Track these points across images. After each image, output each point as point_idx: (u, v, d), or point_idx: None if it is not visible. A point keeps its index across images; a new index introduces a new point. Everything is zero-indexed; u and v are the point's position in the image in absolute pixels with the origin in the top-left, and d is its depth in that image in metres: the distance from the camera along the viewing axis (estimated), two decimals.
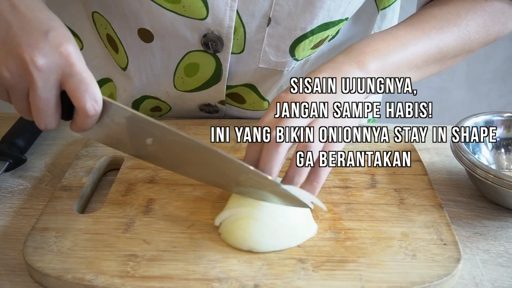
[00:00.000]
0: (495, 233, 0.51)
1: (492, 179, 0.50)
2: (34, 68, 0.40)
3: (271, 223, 0.45)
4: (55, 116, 0.43)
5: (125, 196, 0.52)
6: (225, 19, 0.54)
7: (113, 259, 0.44)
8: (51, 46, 0.41)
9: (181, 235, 0.47)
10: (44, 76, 0.41)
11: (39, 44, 0.41)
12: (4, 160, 0.57)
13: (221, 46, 0.57)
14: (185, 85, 0.63)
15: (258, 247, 0.45)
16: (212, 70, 0.60)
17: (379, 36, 0.54)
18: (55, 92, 0.42)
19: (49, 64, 0.41)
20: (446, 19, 0.55)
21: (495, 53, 1.46)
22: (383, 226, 0.48)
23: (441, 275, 0.43)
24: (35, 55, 0.40)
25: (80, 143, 0.63)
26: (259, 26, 0.56)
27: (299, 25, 0.55)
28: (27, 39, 0.41)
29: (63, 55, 0.41)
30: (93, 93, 0.42)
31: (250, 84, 0.64)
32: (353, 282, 0.42)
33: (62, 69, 0.41)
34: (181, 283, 0.42)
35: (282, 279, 0.43)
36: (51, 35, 0.41)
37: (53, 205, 0.51)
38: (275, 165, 0.45)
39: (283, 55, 0.59)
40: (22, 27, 0.41)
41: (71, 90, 0.42)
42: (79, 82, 0.42)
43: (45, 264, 0.44)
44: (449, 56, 0.56)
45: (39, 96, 0.42)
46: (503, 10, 0.58)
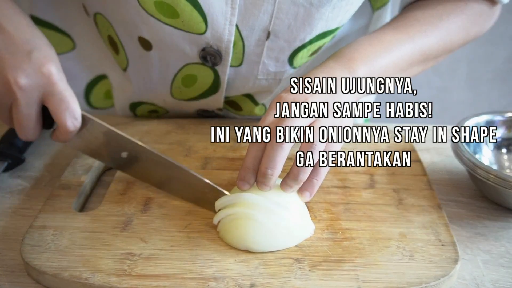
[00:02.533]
0: (496, 233, 0.50)
1: (493, 179, 0.50)
2: (17, 88, 0.44)
3: (268, 224, 0.45)
4: (36, 129, 0.47)
5: (123, 194, 0.52)
6: (224, 34, 0.54)
7: (110, 258, 0.44)
8: (34, 67, 0.44)
9: (178, 234, 0.47)
10: (27, 95, 0.44)
11: (22, 65, 0.44)
12: (3, 160, 0.57)
13: (219, 60, 0.57)
14: (182, 95, 0.63)
15: (255, 247, 0.45)
16: (210, 82, 0.60)
17: (366, 41, 0.55)
18: (36, 108, 0.46)
19: (31, 83, 0.44)
20: (428, 22, 0.57)
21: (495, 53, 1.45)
22: (381, 227, 0.48)
23: (439, 275, 0.43)
24: (18, 76, 0.44)
25: None
26: (259, 40, 0.56)
27: (299, 37, 0.55)
28: (11, 60, 0.44)
29: (45, 75, 0.44)
30: (72, 111, 0.46)
31: (247, 94, 0.64)
32: (349, 282, 0.42)
33: (43, 88, 0.45)
34: (177, 282, 0.42)
35: (279, 278, 0.43)
36: (34, 55, 0.45)
37: (51, 203, 0.51)
38: (279, 162, 0.46)
39: (282, 65, 0.59)
40: (6, 48, 0.45)
41: (52, 108, 0.46)
42: (60, 101, 0.45)
43: (42, 262, 0.44)
44: (431, 57, 0.59)
45: (22, 112, 0.45)
46: (481, 12, 0.60)
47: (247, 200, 0.46)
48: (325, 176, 0.50)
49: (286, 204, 0.46)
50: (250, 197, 0.46)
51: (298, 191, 0.48)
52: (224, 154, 0.59)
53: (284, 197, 0.47)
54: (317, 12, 0.53)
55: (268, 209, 0.46)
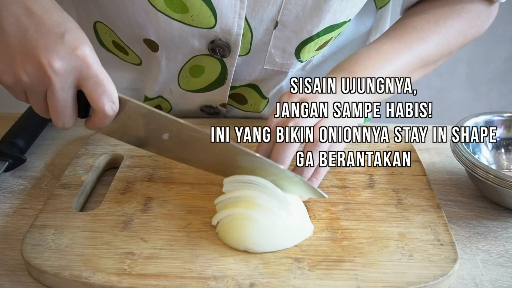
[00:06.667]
0: (495, 233, 0.50)
1: (492, 179, 0.50)
2: (51, 71, 0.41)
3: (267, 224, 0.45)
4: (72, 116, 0.44)
5: (124, 194, 0.52)
6: (234, 27, 0.54)
7: (110, 257, 0.44)
8: (68, 49, 0.42)
9: (178, 234, 0.47)
10: (62, 79, 0.42)
11: (56, 47, 0.41)
12: (4, 160, 0.58)
13: (228, 52, 0.57)
14: (189, 85, 0.64)
15: (254, 247, 0.45)
16: (217, 73, 0.61)
17: (365, 53, 0.56)
18: (72, 93, 0.43)
19: (66, 67, 0.42)
20: (426, 28, 0.58)
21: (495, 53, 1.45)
22: (380, 226, 0.48)
23: (437, 275, 0.43)
24: (53, 59, 0.41)
25: (79, 143, 0.64)
26: (266, 30, 0.56)
27: (306, 29, 0.56)
28: (44, 42, 0.41)
29: (80, 57, 0.42)
30: (110, 95, 0.43)
31: (253, 84, 0.64)
32: (349, 281, 0.42)
33: (79, 71, 0.42)
34: (177, 281, 0.42)
35: (278, 278, 0.43)
36: (67, 38, 0.42)
37: (52, 202, 0.51)
38: (287, 156, 0.47)
39: (288, 57, 0.59)
40: (38, 30, 0.42)
41: (88, 92, 0.43)
42: (96, 84, 0.43)
43: (42, 261, 0.44)
44: (430, 63, 0.59)
45: (57, 97, 0.43)
46: (478, 14, 0.61)
47: (246, 199, 0.46)
48: (324, 175, 0.50)
49: (285, 205, 0.46)
50: (251, 194, 0.46)
51: None
52: None
53: (284, 197, 0.47)
54: (326, 4, 0.54)
55: (267, 209, 0.46)
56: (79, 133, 0.66)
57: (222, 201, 0.48)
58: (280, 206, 0.46)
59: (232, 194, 0.47)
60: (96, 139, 0.61)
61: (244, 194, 0.47)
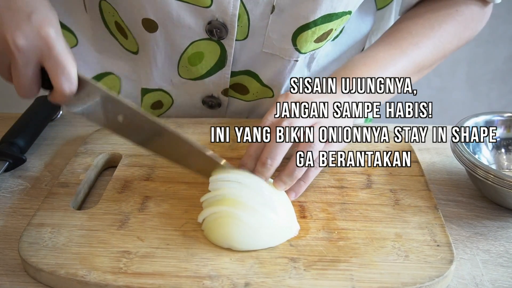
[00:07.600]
0: (496, 233, 0.50)
1: (492, 179, 0.50)
2: (15, 48, 0.44)
3: (251, 223, 0.45)
4: (32, 89, 0.47)
5: (121, 193, 0.53)
6: (229, 7, 0.56)
7: (106, 255, 0.45)
8: (33, 28, 0.44)
9: (174, 233, 0.47)
10: (24, 56, 0.44)
11: (21, 26, 0.44)
12: (4, 160, 0.58)
13: (225, 33, 0.58)
14: (189, 73, 0.64)
15: (238, 245, 0.45)
16: (216, 57, 0.61)
17: (361, 60, 0.57)
18: (33, 69, 0.46)
19: (29, 45, 0.44)
20: (421, 34, 0.59)
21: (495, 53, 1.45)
22: (377, 227, 0.48)
23: (433, 276, 0.42)
24: (17, 36, 0.44)
25: (79, 143, 0.64)
26: (263, 13, 0.57)
27: (302, 14, 0.56)
28: (11, 19, 0.44)
29: (43, 37, 0.44)
30: (68, 75, 0.46)
31: (252, 72, 0.64)
32: (344, 282, 0.42)
33: (41, 50, 0.44)
34: (172, 280, 0.42)
35: (273, 277, 0.43)
36: (34, 17, 0.44)
37: (50, 201, 0.51)
38: (278, 154, 0.48)
39: (286, 42, 0.59)
40: (8, 7, 0.45)
41: (49, 71, 0.46)
42: (56, 64, 0.45)
43: (39, 259, 0.44)
44: (425, 67, 0.60)
45: (19, 71, 0.45)
46: (472, 17, 0.61)
47: (231, 197, 0.46)
48: (313, 178, 0.50)
49: (270, 203, 0.46)
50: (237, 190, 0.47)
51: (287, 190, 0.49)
52: (222, 153, 0.59)
53: (270, 196, 0.47)
54: None
55: (252, 208, 0.46)
56: (79, 133, 0.66)
57: (208, 199, 0.48)
58: (265, 204, 0.46)
59: (217, 192, 0.47)
60: (95, 138, 0.61)
61: (229, 192, 0.47)
